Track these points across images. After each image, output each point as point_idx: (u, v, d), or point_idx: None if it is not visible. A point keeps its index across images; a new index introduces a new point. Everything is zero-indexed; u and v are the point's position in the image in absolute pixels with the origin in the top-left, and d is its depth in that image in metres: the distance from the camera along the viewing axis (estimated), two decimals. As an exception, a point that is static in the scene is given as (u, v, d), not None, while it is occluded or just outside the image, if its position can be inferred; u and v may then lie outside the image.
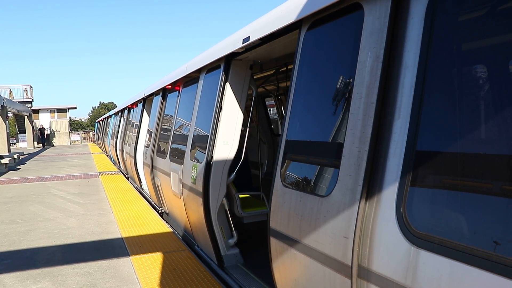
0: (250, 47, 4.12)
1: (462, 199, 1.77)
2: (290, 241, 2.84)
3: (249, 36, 3.87)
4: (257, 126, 9.20)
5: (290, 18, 3.09)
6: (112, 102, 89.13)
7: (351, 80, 2.43)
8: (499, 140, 1.68)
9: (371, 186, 2.18)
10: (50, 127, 42.70)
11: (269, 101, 10.47)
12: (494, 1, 1.75)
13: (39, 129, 37.75)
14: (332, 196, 2.44)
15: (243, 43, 3.99)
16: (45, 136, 38.15)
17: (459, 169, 1.78)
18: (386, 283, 2.03)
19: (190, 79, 6.29)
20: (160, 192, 7.57)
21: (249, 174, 6.81)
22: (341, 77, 2.55)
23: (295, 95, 3.03)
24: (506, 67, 1.69)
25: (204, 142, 4.91)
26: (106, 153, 24.24)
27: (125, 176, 14.11)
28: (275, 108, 10.38)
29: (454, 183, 1.80)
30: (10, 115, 33.35)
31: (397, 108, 2.11)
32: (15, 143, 40.36)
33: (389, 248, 2.03)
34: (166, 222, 7.44)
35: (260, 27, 3.68)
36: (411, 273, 1.89)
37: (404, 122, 2.06)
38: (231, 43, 4.34)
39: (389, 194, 2.07)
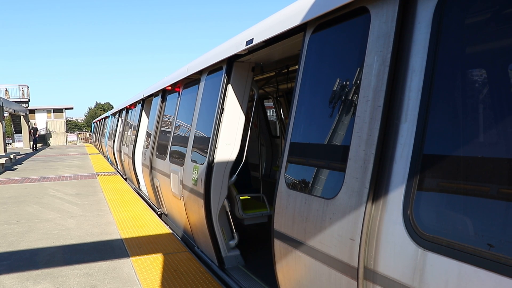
0: (253, 49, 4.14)
1: (470, 201, 1.79)
2: (295, 243, 2.85)
3: (252, 39, 3.88)
4: (258, 128, 9.21)
5: (295, 21, 3.11)
6: (109, 103, 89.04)
7: (357, 83, 2.44)
8: (507, 143, 1.70)
9: (378, 188, 2.20)
10: (46, 127, 42.34)
11: (267, 103, 10.49)
12: (501, 4, 1.77)
13: (32, 128, 34.86)
14: (338, 199, 2.46)
15: (246, 45, 4.00)
16: (37, 136, 34.86)
17: (466, 172, 1.80)
18: (393, 284, 2.04)
19: (190, 81, 6.29)
20: (159, 193, 7.56)
21: (249, 176, 6.82)
22: (347, 80, 2.56)
23: (300, 98, 3.04)
24: None
25: (206, 143, 4.91)
26: (103, 154, 24.16)
27: (122, 177, 14.07)
28: (272, 110, 10.40)
29: (461, 185, 1.82)
30: (6, 115, 33.12)
31: (404, 112, 2.13)
32: (11, 143, 40.13)
33: (396, 250, 2.04)
34: (165, 223, 7.42)
35: (264, 29, 3.69)
36: (418, 274, 1.90)
37: (411, 125, 2.07)
38: (234, 45, 4.35)
39: (396, 196, 2.09)
